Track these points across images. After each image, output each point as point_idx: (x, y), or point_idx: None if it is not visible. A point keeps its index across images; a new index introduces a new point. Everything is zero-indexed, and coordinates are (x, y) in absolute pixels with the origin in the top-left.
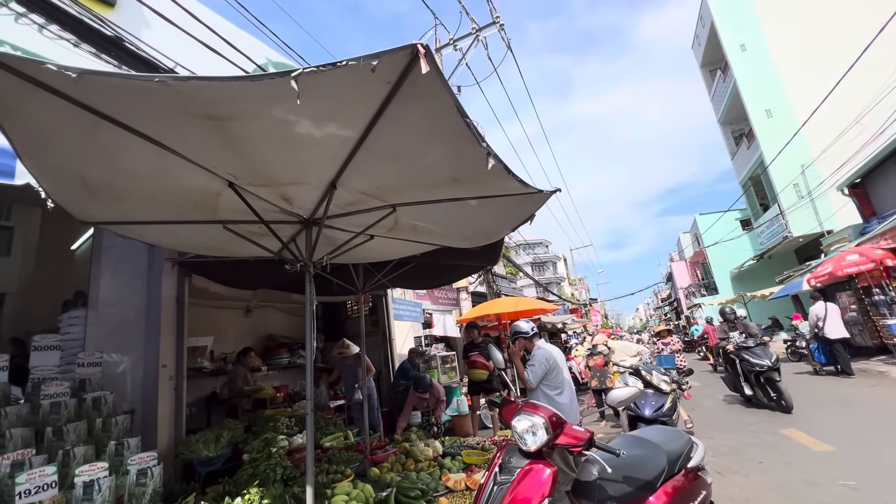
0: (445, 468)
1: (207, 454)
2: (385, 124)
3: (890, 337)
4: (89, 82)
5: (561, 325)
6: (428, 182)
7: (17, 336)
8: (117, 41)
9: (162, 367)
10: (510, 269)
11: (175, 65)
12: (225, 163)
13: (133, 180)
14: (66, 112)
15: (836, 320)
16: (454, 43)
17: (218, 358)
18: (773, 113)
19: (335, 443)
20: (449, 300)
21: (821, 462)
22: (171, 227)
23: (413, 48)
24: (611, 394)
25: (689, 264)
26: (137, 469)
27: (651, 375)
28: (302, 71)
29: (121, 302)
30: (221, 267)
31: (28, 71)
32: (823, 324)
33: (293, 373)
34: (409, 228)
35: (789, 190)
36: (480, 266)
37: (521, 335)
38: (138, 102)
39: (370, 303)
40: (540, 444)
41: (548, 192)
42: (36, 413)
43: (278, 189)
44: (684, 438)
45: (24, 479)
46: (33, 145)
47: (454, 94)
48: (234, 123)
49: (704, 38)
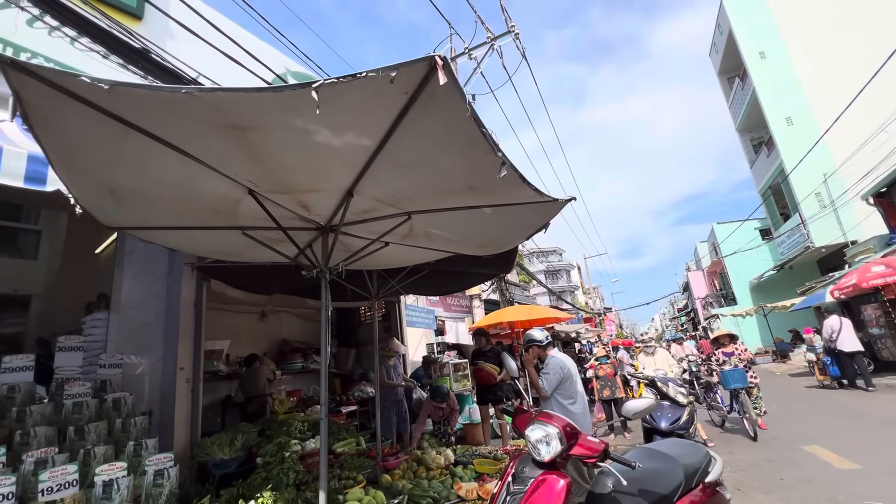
0: (457, 476)
1: (222, 457)
2: (402, 133)
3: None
4: (120, 93)
5: (575, 334)
6: (443, 190)
7: (42, 336)
8: (144, 53)
9: (179, 369)
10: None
11: (198, 75)
12: (246, 171)
13: (158, 187)
14: (96, 122)
15: (850, 333)
16: (469, 52)
17: (233, 361)
18: (793, 121)
19: (347, 448)
20: (461, 307)
21: (845, 480)
22: (192, 232)
23: (431, 60)
24: (626, 405)
25: (707, 274)
26: (155, 470)
27: (667, 387)
28: (323, 82)
29: (141, 305)
30: (239, 272)
31: (63, 83)
32: (838, 336)
33: (306, 377)
34: (424, 236)
35: (811, 199)
36: (494, 273)
37: (535, 343)
38: (165, 113)
39: (383, 309)
40: (554, 455)
41: (563, 200)
42: (59, 412)
43: (297, 196)
44: (702, 452)
45: (46, 476)
46: (65, 153)
47: (471, 104)
48: (257, 133)
49: (722, 46)
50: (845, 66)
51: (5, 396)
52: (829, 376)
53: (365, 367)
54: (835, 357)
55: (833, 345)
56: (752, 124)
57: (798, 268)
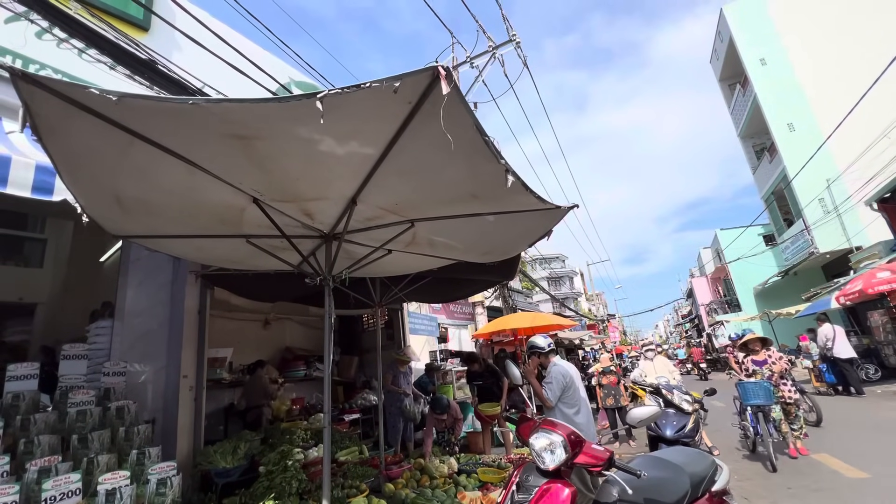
0: (461, 485)
1: (225, 465)
2: (405, 142)
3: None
4: (128, 104)
5: (578, 341)
6: (446, 198)
7: (46, 345)
8: (150, 63)
9: (183, 377)
10: (526, 284)
11: (203, 85)
12: (251, 179)
13: (163, 196)
14: (104, 132)
15: (843, 341)
16: (471, 61)
17: (236, 369)
18: (795, 126)
19: (350, 457)
20: (464, 315)
21: (854, 489)
22: (197, 240)
23: (434, 70)
24: (631, 412)
25: (711, 280)
26: (157, 479)
27: (672, 394)
28: (327, 93)
29: (145, 313)
30: (242, 280)
31: (73, 95)
32: (833, 344)
33: (309, 385)
34: (427, 243)
35: (814, 205)
36: (497, 280)
37: (537, 350)
38: (172, 123)
39: (386, 316)
40: (558, 463)
41: (566, 207)
42: (63, 421)
43: (301, 204)
44: (708, 461)
45: (50, 485)
46: (72, 163)
47: (473, 113)
48: (262, 142)
49: (723, 53)
50: (847, 72)
51: (10, 405)
52: (826, 383)
53: (368, 374)
54: (830, 364)
55: (829, 352)
56: (754, 130)
57: (803, 274)
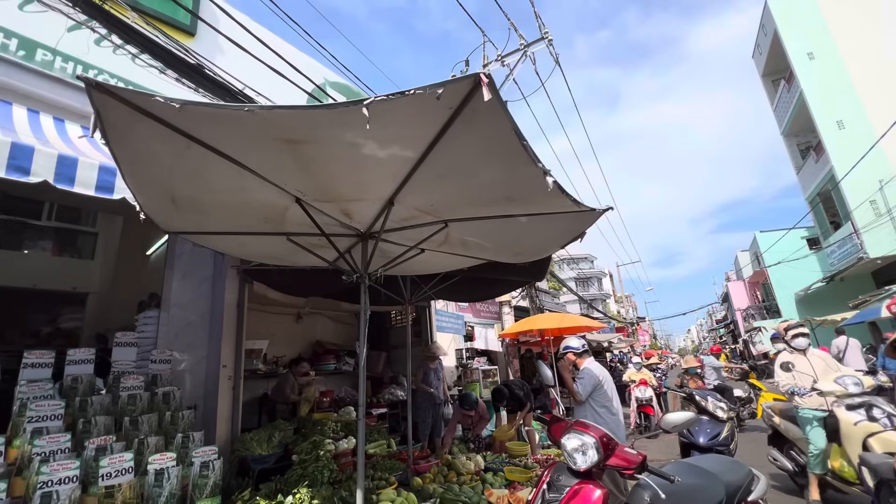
0: (488, 483)
1: (261, 452)
2: (443, 145)
3: None
4: (188, 111)
5: (607, 343)
6: (481, 200)
7: (100, 332)
8: (198, 68)
9: (222, 367)
10: (553, 284)
11: (244, 86)
12: (296, 181)
13: (213, 195)
14: (164, 136)
15: (856, 353)
16: (502, 59)
17: (270, 361)
18: (845, 124)
19: (378, 450)
20: (491, 314)
21: None
22: (240, 237)
23: (476, 77)
24: (665, 417)
25: (748, 284)
26: (201, 461)
27: (706, 401)
28: (373, 99)
29: (189, 305)
30: (279, 275)
31: (139, 102)
32: (843, 355)
33: (338, 378)
34: (460, 243)
35: (865, 207)
36: (526, 281)
37: (571, 349)
38: (227, 128)
39: (414, 313)
40: (590, 464)
41: (600, 210)
42: (115, 403)
43: (341, 205)
44: (744, 470)
45: (106, 462)
46: (135, 165)
47: (512, 117)
48: (309, 146)
49: (766, 47)
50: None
51: (70, 387)
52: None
53: (395, 370)
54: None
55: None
56: (798, 128)
57: (850, 280)
